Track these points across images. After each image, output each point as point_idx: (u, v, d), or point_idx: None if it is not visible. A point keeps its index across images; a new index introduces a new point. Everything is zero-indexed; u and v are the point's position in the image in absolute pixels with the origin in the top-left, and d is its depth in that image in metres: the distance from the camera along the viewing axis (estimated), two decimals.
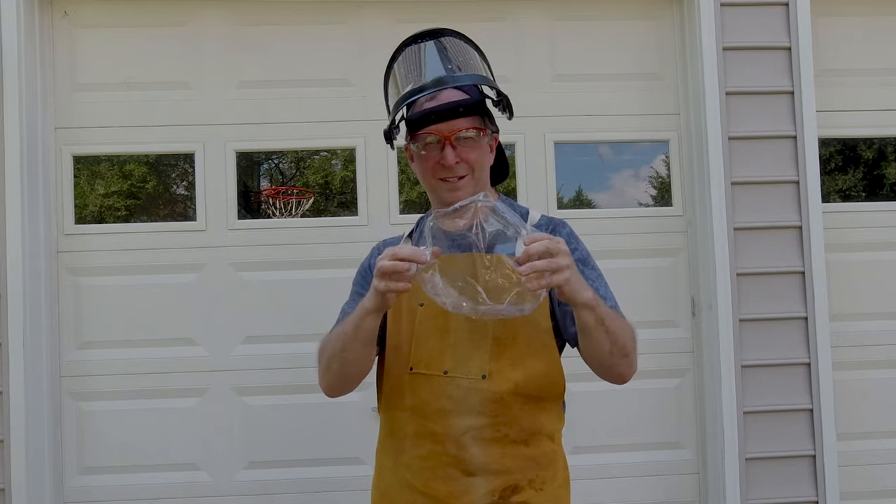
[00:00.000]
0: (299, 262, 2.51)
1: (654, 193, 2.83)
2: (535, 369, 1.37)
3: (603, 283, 1.44)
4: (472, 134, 1.38)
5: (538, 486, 1.38)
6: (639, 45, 2.64)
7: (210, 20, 2.55)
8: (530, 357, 1.36)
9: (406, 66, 1.40)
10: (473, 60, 1.41)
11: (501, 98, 1.41)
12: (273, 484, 2.47)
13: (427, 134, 1.37)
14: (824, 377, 2.45)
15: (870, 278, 2.60)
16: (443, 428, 1.35)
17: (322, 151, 3.32)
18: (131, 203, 3.01)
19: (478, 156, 1.40)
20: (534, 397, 1.38)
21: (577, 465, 2.53)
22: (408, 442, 1.39)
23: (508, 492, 1.35)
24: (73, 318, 2.47)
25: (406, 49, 1.42)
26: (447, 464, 1.35)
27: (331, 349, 1.37)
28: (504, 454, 1.35)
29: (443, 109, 1.36)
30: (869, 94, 2.64)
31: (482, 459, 1.34)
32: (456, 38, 1.43)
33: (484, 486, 1.34)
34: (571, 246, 1.43)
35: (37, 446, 2.34)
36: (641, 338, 2.63)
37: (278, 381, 2.47)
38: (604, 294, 1.41)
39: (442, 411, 1.34)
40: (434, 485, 1.35)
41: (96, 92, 2.51)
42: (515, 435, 1.36)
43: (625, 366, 1.33)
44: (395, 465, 1.41)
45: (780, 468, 2.45)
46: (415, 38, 1.42)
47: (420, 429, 1.37)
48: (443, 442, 1.35)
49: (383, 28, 2.57)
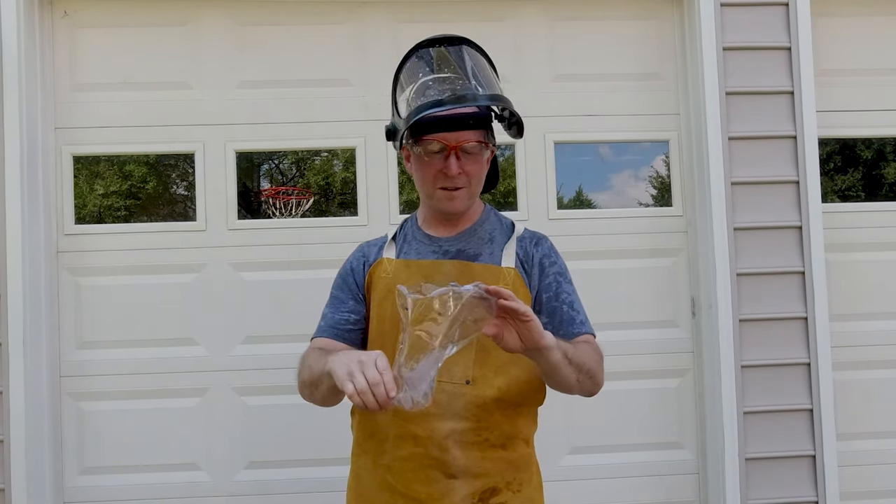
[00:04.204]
0: (299, 262, 2.51)
1: (654, 193, 2.83)
2: (518, 377, 1.40)
3: (577, 297, 1.48)
4: (476, 147, 1.39)
5: (515, 489, 1.41)
6: (639, 45, 2.64)
7: (210, 20, 2.55)
8: (513, 364, 1.38)
9: (423, 70, 1.39)
10: (492, 77, 1.41)
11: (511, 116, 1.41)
12: (273, 484, 2.47)
13: (432, 140, 1.37)
14: (824, 377, 2.45)
15: (870, 278, 2.60)
16: (425, 431, 1.36)
17: (322, 152, 3.33)
18: (131, 203, 3.01)
19: (478, 169, 1.42)
20: (514, 403, 1.41)
21: (577, 465, 2.55)
22: (388, 444, 1.40)
23: (488, 494, 1.38)
24: (73, 318, 2.47)
25: (423, 51, 1.41)
26: (428, 466, 1.37)
27: (303, 376, 1.37)
28: (484, 457, 1.38)
29: (453, 119, 1.36)
30: (869, 94, 2.64)
31: (463, 462, 1.36)
32: (474, 50, 1.43)
33: (464, 489, 1.36)
34: (552, 259, 1.48)
35: (37, 446, 2.34)
36: (641, 338, 2.65)
37: (278, 381, 2.46)
38: (577, 308, 1.45)
39: (425, 415, 1.35)
40: (415, 486, 1.37)
41: (96, 92, 2.51)
42: (495, 439, 1.39)
43: (591, 386, 1.36)
44: (375, 467, 1.42)
45: (780, 468, 2.45)
46: (433, 41, 1.42)
47: (401, 431, 1.38)
48: (425, 445, 1.36)
49: (383, 28, 2.57)
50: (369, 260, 1.51)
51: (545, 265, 1.46)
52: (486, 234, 1.49)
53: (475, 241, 1.47)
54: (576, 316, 1.43)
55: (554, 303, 1.43)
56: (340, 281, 1.53)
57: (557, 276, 1.45)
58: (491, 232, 1.49)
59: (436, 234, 1.50)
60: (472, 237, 1.48)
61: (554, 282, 1.44)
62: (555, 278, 1.45)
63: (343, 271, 1.54)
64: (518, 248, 1.46)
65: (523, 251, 1.46)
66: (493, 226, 1.51)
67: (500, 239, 1.48)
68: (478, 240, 1.47)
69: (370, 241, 1.59)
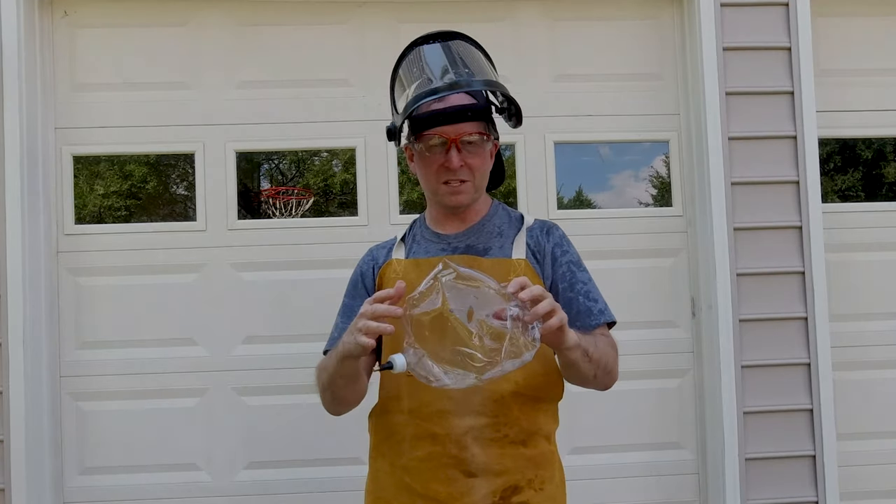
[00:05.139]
0: (299, 262, 2.51)
1: (654, 193, 2.83)
2: (535, 370, 1.37)
3: (594, 286, 1.46)
4: (476, 138, 1.38)
5: (538, 487, 1.38)
6: (639, 45, 2.64)
7: (210, 20, 2.55)
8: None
9: (418, 65, 1.39)
10: (486, 67, 1.41)
11: (510, 105, 1.41)
12: (273, 484, 2.47)
13: (433, 135, 1.37)
14: (824, 377, 2.45)
15: (870, 278, 2.60)
16: (442, 429, 1.35)
17: (322, 152, 3.33)
18: (131, 203, 3.01)
19: (480, 161, 1.41)
20: (533, 398, 1.39)
21: (578, 465, 2.55)
22: (406, 444, 1.38)
23: (509, 492, 1.35)
24: (73, 318, 2.47)
25: (417, 48, 1.42)
26: (447, 465, 1.35)
27: (321, 381, 1.39)
28: (503, 454, 1.35)
29: (451, 111, 1.36)
30: (869, 94, 2.64)
31: (482, 460, 1.34)
32: (468, 43, 1.43)
33: (485, 487, 1.34)
34: (563, 248, 1.45)
35: (37, 446, 2.34)
36: (641, 338, 2.66)
37: (278, 381, 2.46)
38: (595, 297, 1.43)
39: (442, 412, 1.34)
40: (434, 486, 1.35)
41: (96, 92, 2.51)
42: (514, 435, 1.37)
43: (608, 380, 1.37)
44: (392, 469, 1.41)
45: (780, 468, 2.45)
46: (426, 38, 1.42)
47: (419, 431, 1.37)
48: (443, 443, 1.35)
49: (383, 28, 2.57)
50: (378, 263, 1.51)
51: (557, 255, 1.44)
52: (496, 229, 1.47)
53: (484, 236, 1.46)
54: (593, 306, 1.41)
55: (569, 293, 1.41)
56: (351, 288, 1.52)
57: (571, 265, 1.44)
58: (500, 226, 1.48)
59: (444, 231, 1.48)
60: (481, 232, 1.47)
61: (568, 271, 1.43)
62: (568, 267, 1.43)
63: (354, 277, 1.53)
64: (528, 239, 1.45)
65: (534, 241, 1.45)
66: (501, 219, 1.50)
67: (509, 232, 1.47)
68: (487, 234, 1.46)
69: (379, 243, 1.58)
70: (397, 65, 1.45)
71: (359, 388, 1.38)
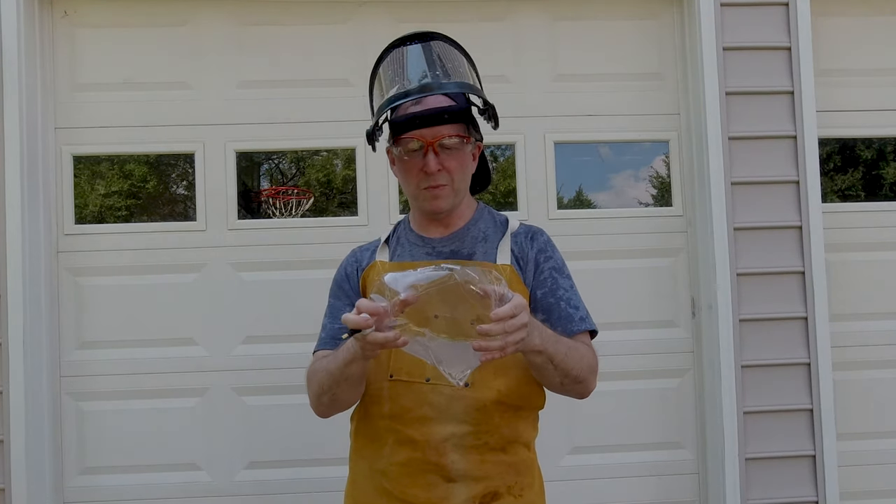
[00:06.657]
0: (299, 262, 2.51)
1: (654, 193, 2.83)
2: (518, 378, 1.37)
3: (575, 292, 1.44)
4: (454, 142, 1.36)
5: (517, 493, 1.37)
6: (639, 45, 2.64)
7: (210, 20, 2.55)
8: (513, 366, 1.36)
9: (393, 68, 1.38)
10: (462, 67, 1.39)
11: (487, 107, 1.39)
12: (273, 484, 2.47)
13: (410, 139, 1.36)
14: (824, 377, 2.45)
15: (870, 278, 2.60)
16: (423, 435, 1.34)
17: (322, 151, 3.32)
18: (131, 203, 3.00)
19: (459, 164, 1.39)
20: (514, 406, 1.38)
21: (577, 465, 2.55)
22: (385, 449, 1.37)
23: (489, 498, 1.35)
24: (73, 318, 2.47)
25: (394, 51, 1.40)
26: (427, 470, 1.34)
27: (319, 385, 1.35)
28: (483, 461, 1.35)
29: (427, 115, 1.35)
30: (869, 94, 2.64)
31: (462, 466, 1.33)
32: (445, 43, 1.41)
33: (464, 493, 1.33)
34: (547, 254, 1.44)
35: (37, 446, 2.34)
36: (642, 338, 2.65)
37: (278, 381, 2.46)
38: (576, 304, 1.42)
39: (423, 419, 1.33)
40: (413, 491, 1.34)
41: (96, 92, 2.51)
42: (495, 442, 1.36)
43: (580, 389, 1.36)
44: (371, 473, 1.40)
45: (780, 468, 2.45)
46: (403, 40, 1.40)
47: (399, 436, 1.36)
48: (423, 449, 1.34)
49: (383, 28, 2.56)
50: (362, 265, 1.49)
51: (540, 261, 1.42)
52: (480, 234, 1.46)
53: (469, 241, 1.44)
54: (574, 313, 1.39)
55: (550, 299, 1.39)
56: (336, 288, 1.51)
57: (553, 271, 1.42)
58: (485, 231, 1.46)
59: (428, 235, 1.47)
60: (466, 237, 1.45)
61: (549, 277, 1.41)
62: (550, 274, 1.41)
63: (338, 277, 1.51)
64: (513, 244, 1.43)
65: (518, 247, 1.43)
66: (486, 224, 1.48)
67: (494, 237, 1.45)
68: (471, 239, 1.45)
69: (362, 245, 1.56)
70: (376, 66, 1.43)
71: (361, 390, 1.38)
